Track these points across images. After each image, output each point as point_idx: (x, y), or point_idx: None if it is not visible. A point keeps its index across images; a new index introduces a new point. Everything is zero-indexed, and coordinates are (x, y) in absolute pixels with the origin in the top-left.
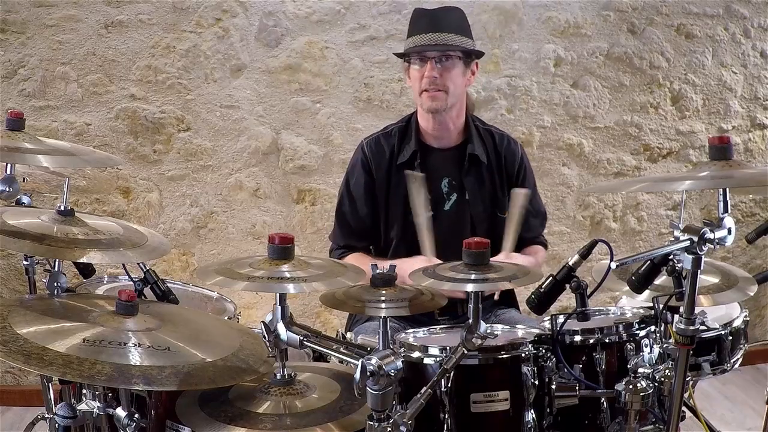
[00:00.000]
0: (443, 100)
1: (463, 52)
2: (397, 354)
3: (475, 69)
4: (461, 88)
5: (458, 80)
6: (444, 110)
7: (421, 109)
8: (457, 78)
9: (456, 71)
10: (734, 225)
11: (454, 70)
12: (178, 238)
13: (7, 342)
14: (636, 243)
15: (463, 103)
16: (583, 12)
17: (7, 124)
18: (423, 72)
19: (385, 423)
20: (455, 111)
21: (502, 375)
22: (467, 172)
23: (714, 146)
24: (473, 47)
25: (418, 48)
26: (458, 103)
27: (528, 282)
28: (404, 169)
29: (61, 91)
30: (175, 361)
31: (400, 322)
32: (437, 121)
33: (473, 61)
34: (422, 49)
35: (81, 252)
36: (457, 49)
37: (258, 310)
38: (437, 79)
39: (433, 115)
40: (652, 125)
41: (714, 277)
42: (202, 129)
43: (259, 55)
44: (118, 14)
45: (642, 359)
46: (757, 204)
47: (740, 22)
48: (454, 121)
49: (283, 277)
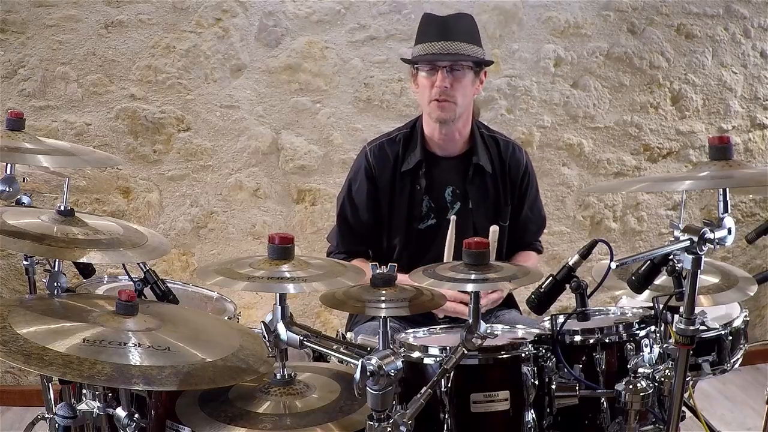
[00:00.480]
0: (452, 111)
1: (474, 62)
2: (397, 354)
3: (483, 78)
4: (470, 98)
5: (468, 90)
6: (452, 120)
7: (428, 117)
8: (467, 88)
9: (466, 81)
10: (734, 225)
11: (464, 80)
12: (178, 238)
13: (7, 342)
14: (636, 243)
15: (470, 112)
16: (583, 12)
17: (7, 124)
18: (433, 81)
19: (385, 423)
20: (462, 121)
21: (502, 375)
22: (471, 181)
23: (714, 146)
24: (483, 56)
25: (429, 57)
26: (466, 113)
27: (528, 282)
28: (408, 177)
29: (61, 91)
30: (175, 361)
31: (400, 322)
32: (444, 131)
33: (482, 70)
34: (433, 58)
35: (81, 252)
36: (468, 59)
37: (258, 310)
38: (448, 89)
39: (440, 125)
40: (652, 125)
41: (714, 277)
42: (202, 129)
43: (259, 55)
44: (118, 14)
45: (642, 359)
46: (757, 204)
47: (740, 22)
48: (460, 131)
49: (283, 277)
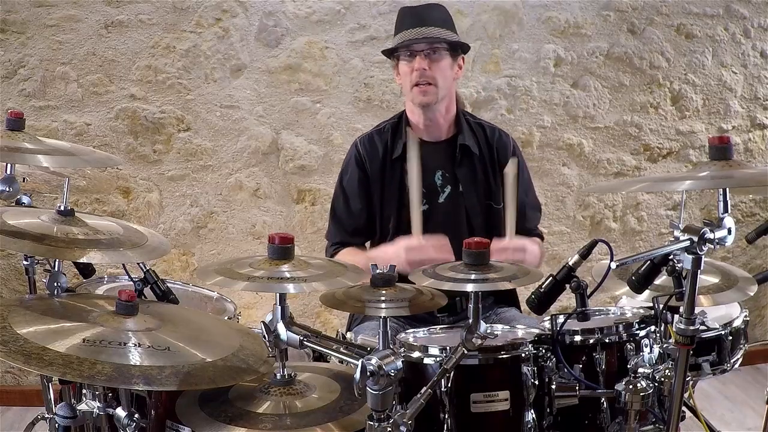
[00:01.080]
0: (434, 94)
1: (450, 44)
2: (397, 354)
3: (462, 63)
4: (450, 80)
5: (447, 72)
6: (434, 103)
7: (411, 104)
8: (446, 70)
9: (444, 63)
10: (734, 225)
11: (442, 62)
12: (178, 238)
13: (7, 342)
14: (636, 243)
15: (452, 96)
16: (583, 12)
17: (7, 124)
18: (412, 66)
19: (385, 423)
20: (444, 104)
21: (502, 375)
22: (460, 164)
23: (714, 146)
24: (459, 40)
25: (406, 42)
26: (447, 96)
27: (528, 282)
28: (398, 164)
29: (61, 91)
30: (175, 361)
31: (400, 321)
32: (427, 116)
33: (460, 55)
34: (410, 43)
35: (81, 252)
36: (443, 41)
37: (258, 310)
38: (426, 71)
39: (423, 110)
40: (652, 125)
41: (714, 277)
42: (202, 129)
43: (259, 55)
44: (118, 14)
45: (642, 359)
46: (757, 204)
47: (740, 22)
48: (443, 115)
49: (283, 277)
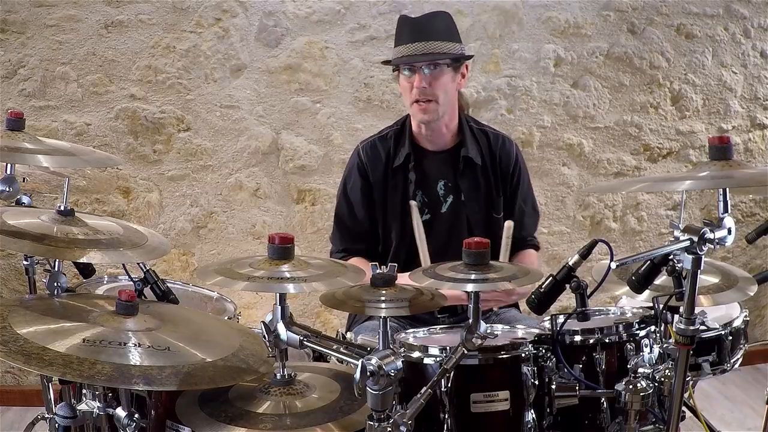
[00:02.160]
0: (434, 111)
1: (451, 59)
2: (397, 354)
3: (466, 71)
4: (452, 94)
5: (448, 87)
6: (435, 120)
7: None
8: (447, 85)
9: (445, 79)
10: (734, 225)
11: (443, 78)
12: (178, 238)
13: (7, 342)
14: (636, 243)
15: (455, 107)
16: (583, 12)
17: (7, 124)
18: (412, 82)
19: (385, 423)
20: (447, 117)
21: (502, 375)
22: (462, 174)
23: (714, 146)
24: (462, 51)
25: (405, 59)
26: (450, 108)
27: (528, 282)
28: (399, 172)
29: (61, 91)
30: (175, 361)
31: (400, 321)
32: (429, 129)
33: (463, 64)
34: (410, 60)
35: (81, 252)
36: (445, 57)
37: (258, 310)
38: (427, 89)
39: (425, 125)
40: (652, 125)
41: (714, 277)
42: (202, 129)
43: (259, 55)
44: (118, 14)
45: (642, 359)
46: (757, 204)
47: (740, 22)
48: (447, 126)
49: (283, 277)
